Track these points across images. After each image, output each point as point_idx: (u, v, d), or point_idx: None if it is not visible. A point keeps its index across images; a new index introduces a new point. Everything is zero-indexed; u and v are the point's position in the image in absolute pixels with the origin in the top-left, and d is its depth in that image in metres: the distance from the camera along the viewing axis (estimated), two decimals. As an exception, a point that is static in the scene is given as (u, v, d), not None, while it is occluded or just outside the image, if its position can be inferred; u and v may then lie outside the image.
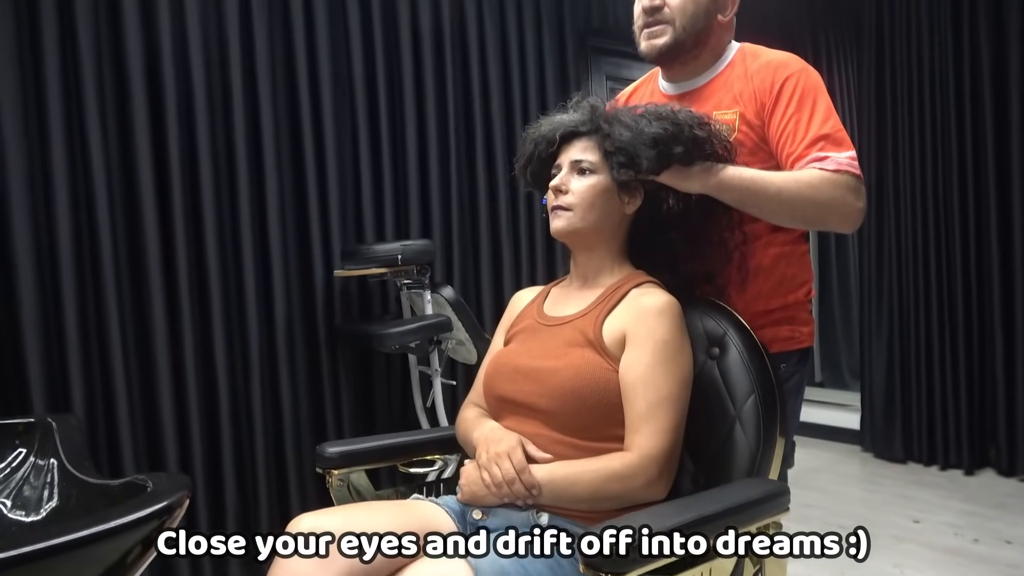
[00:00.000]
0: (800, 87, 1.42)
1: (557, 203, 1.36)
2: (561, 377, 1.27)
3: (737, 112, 1.47)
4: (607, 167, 1.34)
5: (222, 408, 2.55)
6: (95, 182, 2.30)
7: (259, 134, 2.67)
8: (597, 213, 1.35)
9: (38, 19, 2.22)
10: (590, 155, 1.36)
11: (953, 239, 3.35)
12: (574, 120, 1.39)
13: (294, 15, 2.76)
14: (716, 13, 1.51)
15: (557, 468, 1.23)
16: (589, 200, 1.35)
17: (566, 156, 1.39)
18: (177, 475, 1.07)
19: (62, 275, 2.24)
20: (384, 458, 1.57)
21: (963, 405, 3.37)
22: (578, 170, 1.36)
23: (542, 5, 3.50)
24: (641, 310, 1.28)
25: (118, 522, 0.68)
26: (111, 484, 0.90)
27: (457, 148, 3.22)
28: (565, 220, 1.36)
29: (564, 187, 1.36)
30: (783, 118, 1.41)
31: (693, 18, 1.48)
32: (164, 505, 0.74)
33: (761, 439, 1.30)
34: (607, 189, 1.35)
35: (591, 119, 1.38)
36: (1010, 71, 3.17)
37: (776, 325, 1.53)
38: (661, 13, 1.48)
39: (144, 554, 0.74)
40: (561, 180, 1.37)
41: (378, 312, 3.01)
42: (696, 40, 1.49)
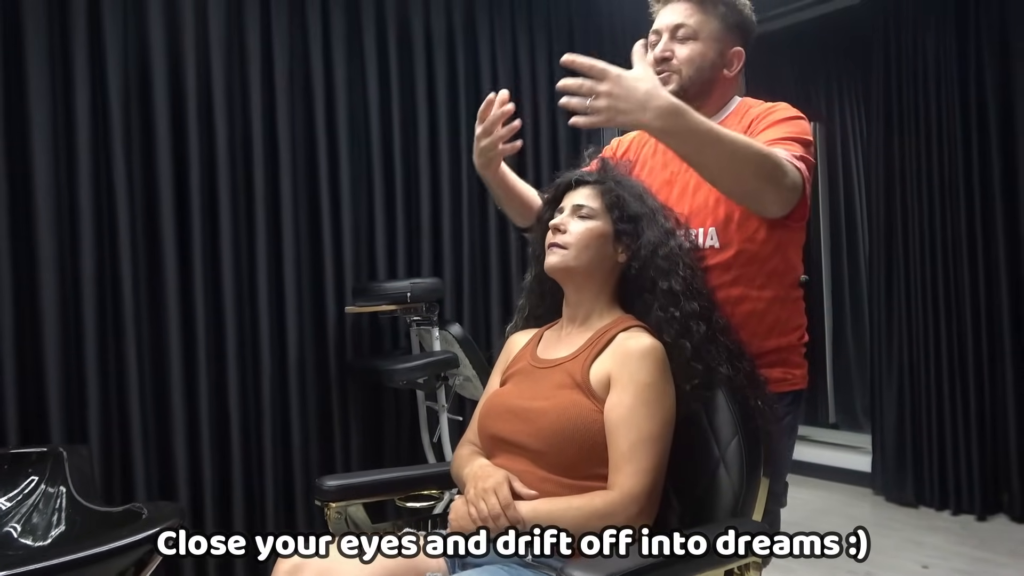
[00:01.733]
0: (781, 116, 1.50)
1: (554, 240, 1.43)
2: (549, 418, 1.32)
3: None
4: (607, 217, 1.41)
5: (233, 439, 2.62)
6: (119, 222, 2.42)
7: (277, 172, 2.78)
8: (591, 255, 1.41)
9: (72, 91, 2.35)
10: (592, 202, 1.43)
11: (962, 283, 3.35)
12: (585, 172, 1.49)
13: (313, 57, 2.89)
14: (722, 68, 1.58)
15: (541, 505, 1.27)
16: (585, 241, 1.41)
17: (569, 200, 1.46)
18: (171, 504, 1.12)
19: (84, 310, 2.34)
20: (381, 492, 1.61)
21: (975, 450, 3.34)
22: (579, 215, 1.43)
23: (554, 51, 3.61)
24: (626, 353, 1.33)
25: (112, 546, 0.74)
26: (112, 511, 0.97)
27: (469, 188, 3.31)
28: (560, 257, 1.42)
29: (563, 227, 1.42)
30: (755, 133, 1.48)
31: (699, 70, 1.55)
32: (156, 531, 0.80)
33: (744, 480, 1.34)
34: (603, 235, 1.41)
35: (600, 172, 1.47)
36: (1016, 122, 3.20)
37: (770, 367, 1.56)
38: (669, 63, 1.56)
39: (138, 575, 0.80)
40: (561, 220, 1.43)
41: (388, 348, 3.08)
42: (700, 91, 1.56)
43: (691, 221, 1.51)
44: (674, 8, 1.57)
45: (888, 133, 3.57)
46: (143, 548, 0.78)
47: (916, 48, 3.45)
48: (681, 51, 1.55)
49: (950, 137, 3.36)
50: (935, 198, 3.41)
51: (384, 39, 3.09)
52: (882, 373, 3.65)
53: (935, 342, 3.44)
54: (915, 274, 3.49)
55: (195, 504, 2.54)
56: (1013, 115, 3.21)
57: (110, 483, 2.35)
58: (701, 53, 1.55)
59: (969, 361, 3.34)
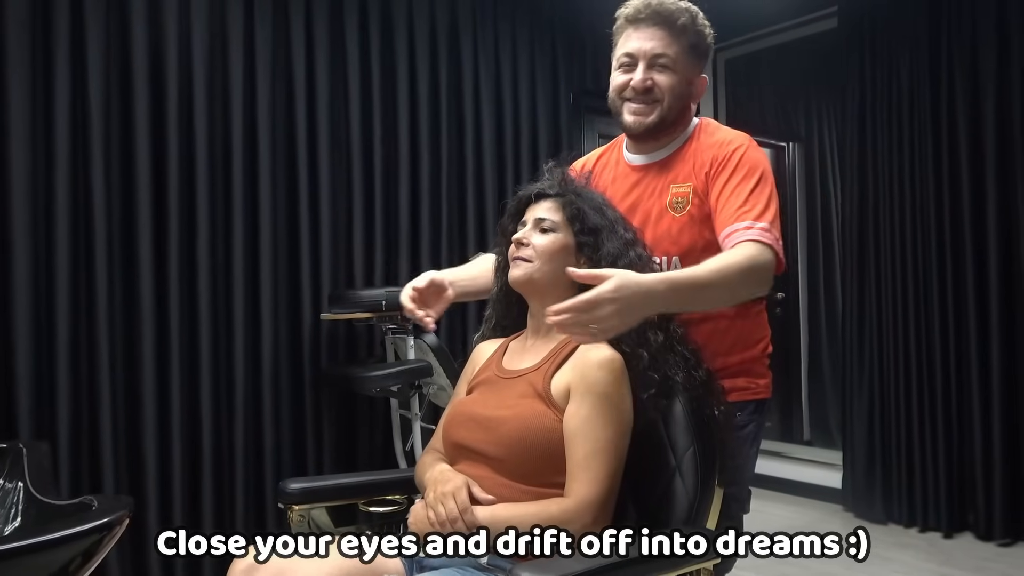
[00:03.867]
0: (739, 162, 1.50)
1: (518, 254, 1.45)
2: (510, 426, 1.34)
3: (691, 186, 1.55)
4: (568, 229, 1.44)
5: (204, 443, 2.62)
6: (94, 222, 2.42)
7: (256, 177, 2.80)
8: (554, 267, 1.43)
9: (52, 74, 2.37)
10: (553, 215, 1.45)
11: (932, 305, 3.41)
12: (544, 184, 1.50)
13: (295, 64, 2.92)
14: (691, 96, 1.60)
15: (499, 510, 1.29)
16: (548, 253, 1.43)
17: (532, 214, 1.48)
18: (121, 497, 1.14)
19: (57, 311, 2.35)
20: (344, 496, 1.62)
21: (942, 469, 3.38)
22: (540, 228, 1.45)
23: (537, 66, 3.66)
24: (585, 364, 1.36)
25: (59, 534, 0.76)
26: (65, 504, 0.98)
27: (448, 197, 3.34)
28: (523, 270, 1.44)
29: (525, 240, 1.45)
30: (717, 188, 1.49)
31: (679, 98, 1.56)
32: (104, 522, 0.82)
33: (699, 489, 1.36)
34: (565, 247, 1.44)
35: (559, 185, 1.48)
36: (985, 145, 3.27)
37: (733, 376, 1.59)
38: (652, 93, 1.55)
39: (85, 565, 0.82)
40: (524, 234, 1.46)
41: (363, 356, 3.09)
42: (675, 119, 1.58)
43: (654, 250, 1.53)
44: (651, 34, 1.55)
45: (862, 154, 3.63)
46: (89, 539, 0.80)
47: (891, 71, 3.52)
48: (662, 80, 1.54)
49: (922, 158, 3.43)
50: (906, 220, 3.47)
51: (366, 48, 3.12)
52: (853, 392, 3.70)
53: (904, 362, 3.49)
54: (886, 294, 3.55)
55: (164, 505, 2.54)
56: (982, 138, 3.27)
57: (78, 484, 2.35)
58: (679, 83, 1.55)
59: (937, 382, 3.39)
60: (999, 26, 3.21)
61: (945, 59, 3.35)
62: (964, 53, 3.30)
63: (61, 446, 2.33)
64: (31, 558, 0.74)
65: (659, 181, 1.57)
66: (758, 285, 1.39)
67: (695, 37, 1.56)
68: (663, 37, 1.54)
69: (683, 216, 1.54)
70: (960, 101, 3.31)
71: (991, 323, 3.26)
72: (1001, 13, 3.20)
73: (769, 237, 1.39)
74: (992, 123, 3.25)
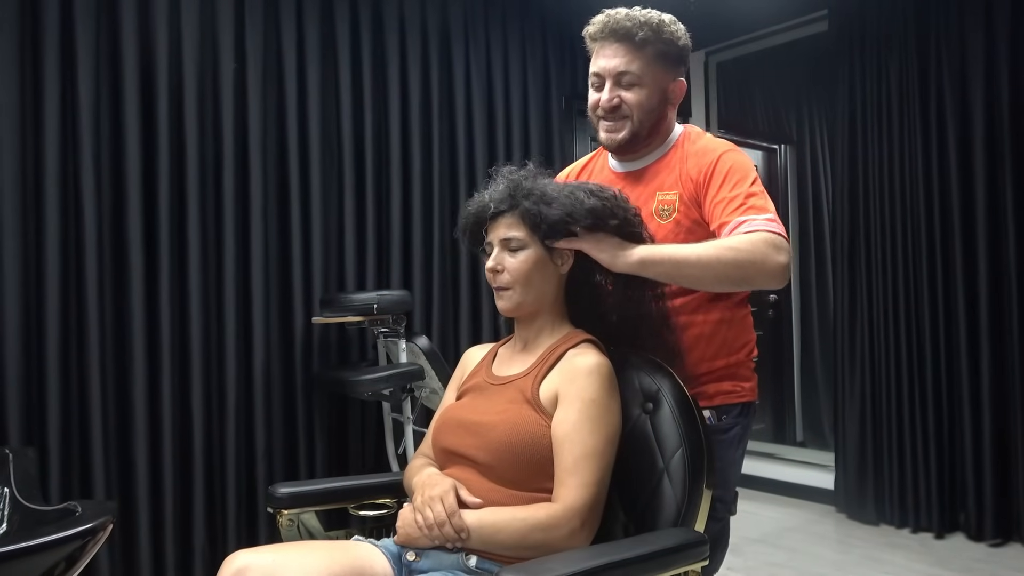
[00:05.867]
0: (729, 167, 1.51)
1: (497, 284, 1.45)
2: (498, 432, 1.34)
3: (677, 194, 1.56)
4: (534, 239, 1.42)
5: (196, 447, 2.62)
6: (84, 226, 2.42)
7: (247, 179, 2.80)
8: (536, 285, 1.43)
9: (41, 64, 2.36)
10: (515, 231, 1.42)
11: (922, 307, 3.43)
12: (495, 199, 1.45)
13: (286, 66, 2.92)
14: (667, 104, 1.60)
15: (486, 514, 1.29)
16: (525, 275, 1.42)
17: (495, 234, 1.45)
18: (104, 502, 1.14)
19: (47, 314, 2.34)
20: (334, 500, 1.62)
21: (933, 470, 3.40)
22: (509, 248, 1.43)
23: (529, 70, 3.66)
24: (573, 370, 1.36)
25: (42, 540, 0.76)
26: (49, 510, 0.98)
27: (440, 201, 3.34)
28: (508, 300, 1.44)
29: (500, 266, 1.43)
30: (712, 193, 1.50)
31: (649, 113, 1.56)
32: (87, 527, 0.82)
33: (687, 491, 1.36)
34: (539, 259, 1.43)
35: (510, 197, 1.44)
36: (974, 146, 3.29)
37: (719, 380, 1.60)
38: (620, 110, 1.57)
39: (69, 570, 0.82)
40: (495, 260, 1.44)
41: (355, 359, 3.09)
42: (650, 131, 1.59)
43: None
44: (614, 51, 1.55)
45: (852, 156, 3.65)
46: (73, 544, 0.80)
47: (880, 74, 3.54)
48: (629, 97, 1.55)
49: (911, 160, 3.45)
50: (896, 221, 3.49)
51: (358, 50, 3.13)
52: (845, 394, 3.71)
53: (896, 364, 3.51)
54: (877, 296, 3.56)
55: (155, 510, 2.53)
56: (971, 138, 3.29)
57: (68, 489, 2.34)
58: (648, 97, 1.55)
59: (928, 383, 3.41)
60: (987, 30, 3.23)
61: (934, 62, 3.37)
62: (953, 56, 3.32)
63: (51, 451, 2.32)
64: (14, 563, 0.74)
65: (644, 188, 1.58)
66: (752, 280, 1.41)
67: (663, 45, 1.56)
68: (625, 53, 1.55)
69: (669, 223, 1.56)
70: (949, 103, 3.33)
71: (981, 325, 3.28)
72: (989, 16, 3.23)
73: (776, 227, 1.42)
74: (981, 125, 3.27)
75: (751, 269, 1.38)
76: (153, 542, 2.51)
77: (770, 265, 1.38)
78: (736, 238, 1.41)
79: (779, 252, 1.39)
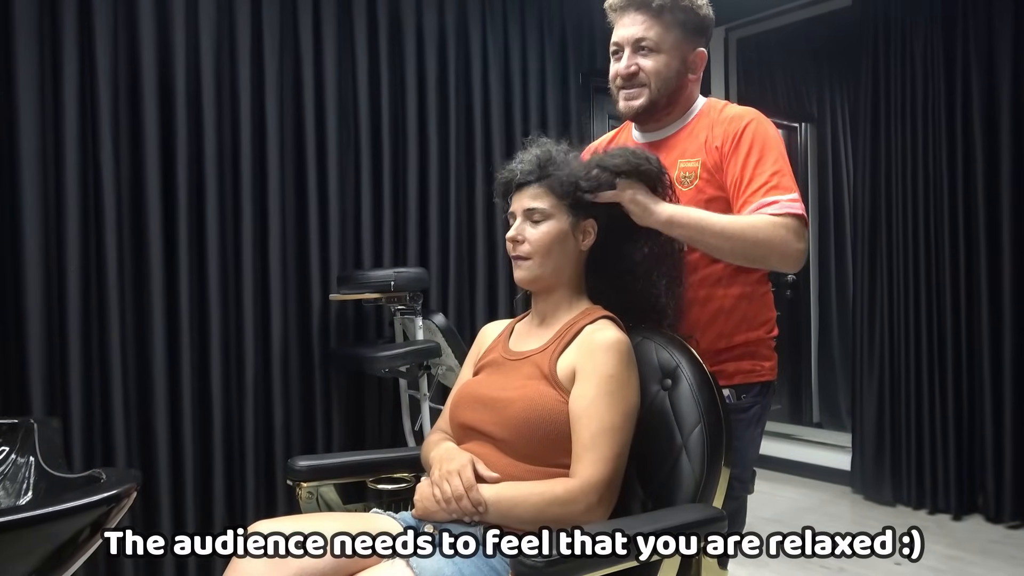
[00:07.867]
0: (754, 138, 1.51)
1: (516, 253, 1.44)
2: (516, 407, 1.34)
3: (699, 160, 1.56)
4: (559, 211, 1.42)
5: (215, 420, 2.64)
6: (105, 206, 2.43)
7: (264, 158, 2.80)
8: (555, 258, 1.43)
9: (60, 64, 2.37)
10: (540, 202, 1.42)
11: (943, 287, 3.39)
12: (522, 170, 1.46)
13: (303, 46, 2.91)
14: (687, 73, 1.60)
15: (504, 489, 1.29)
16: (546, 247, 1.42)
17: (519, 204, 1.45)
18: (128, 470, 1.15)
19: (68, 286, 2.37)
20: (352, 474, 1.64)
21: (951, 451, 3.38)
22: (531, 219, 1.43)
23: (547, 46, 3.63)
24: (591, 346, 1.35)
25: (68, 505, 0.77)
26: (74, 477, 1.00)
27: (457, 179, 3.33)
28: (526, 270, 1.44)
29: (520, 237, 1.43)
30: (737, 166, 1.50)
31: (666, 80, 1.57)
32: (112, 494, 0.84)
33: (705, 468, 1.36)
34: (561, 232, 1.42)
35: (538, 168, 1.44)
36: (1000, 126, 3.24)
37: (738, 359, 1.60)
38: (637, 78, 1.58)
39: (93, 536, 0.83)
40: (517, 230, 1.44)
41: (372, 336, 3.10)
42: (669, 100, 1.59)
43: None
44: (632, 19, 1.57)
45: (875, 135, 3.60)
46: (98, 510, 0.82)
47: (904, 51, 3.47)
48: (646, 64, 1.57)
49: (935, 140, 3.39)
50: (919, 201, 3.44)
51: (375, 31, 3.11)
52: (863, 374, 3.69)
53: (915, 345, 3.47)
54: (898, 277, 3.53)
55: (175, 481, 2.57)
56: (998, 119, 3.24)
57: (90, 459, 2.38)
58: (666, 64, 1.56)
59: (948, 364, 3.38)
60: (1016, 6, 3.16)
61: (960, 38, 3.31)
62: (979, 32, 3.25)
63: (73, 422, 2.35)
64: (40, 528, 0.76)
65: (666, 157, 1.58)
66: (768, 259, 1.45)
67: (682, 14, 1.57)
68: (643, 21, 1.57)
69: (691, 190, 1.56)
70: (975, 81, 3.27)
71: (1003, 305, 3.24)
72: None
73: (799, 208, 1.45)
74: (1008, 103, 3.21)
75: (769, 251, 1.43)
76: (174, 513, 2.55)
77: (789, 250, 1.44)
78: (761, 218, 1.43)
79: (799, 239, 1.44)
